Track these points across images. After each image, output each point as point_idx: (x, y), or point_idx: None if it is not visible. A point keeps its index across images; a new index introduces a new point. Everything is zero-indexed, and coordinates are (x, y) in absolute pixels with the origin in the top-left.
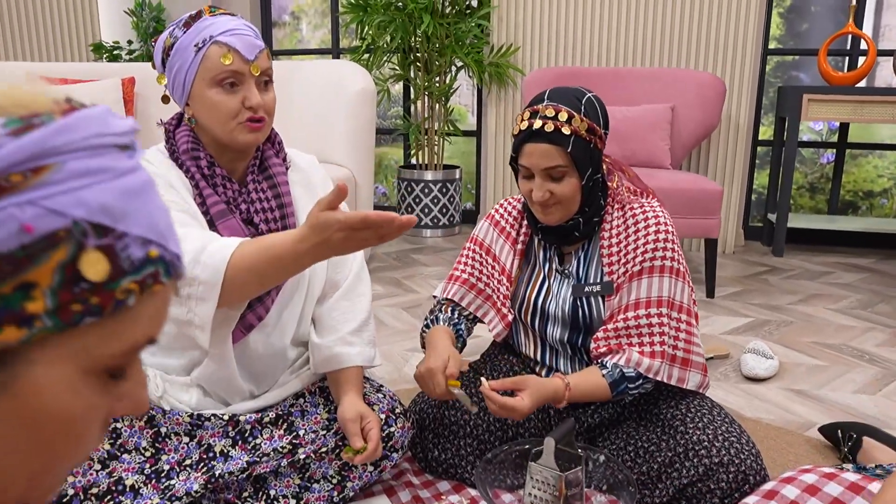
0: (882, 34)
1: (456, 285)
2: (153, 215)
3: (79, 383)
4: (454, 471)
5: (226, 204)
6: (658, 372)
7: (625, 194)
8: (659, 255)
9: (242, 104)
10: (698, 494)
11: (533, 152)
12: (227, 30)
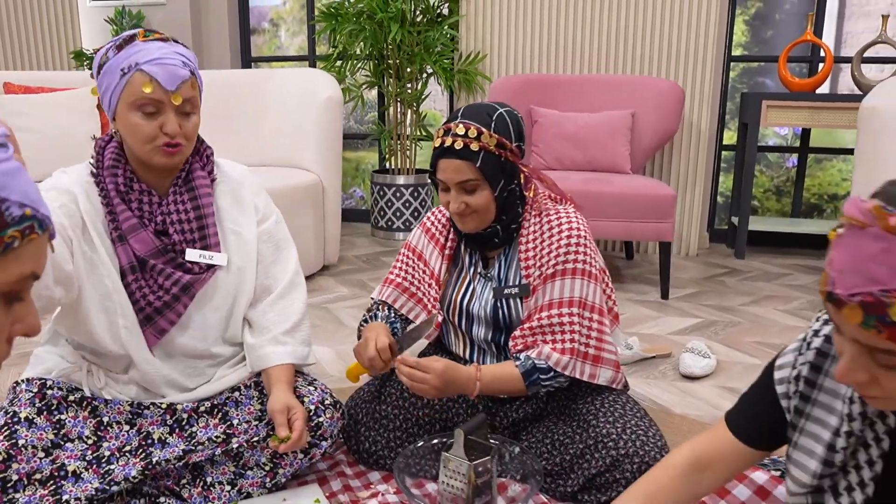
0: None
1: (390, 288)
2: (26, 188)
3: None
4: (384, 461)
5: (139, 218)
6: (567, 367)
7: (542, 201)
8: (571, 259)
9: (160, 129)
10: (605, 484)
11: (446, 168)
12: (153, 59)
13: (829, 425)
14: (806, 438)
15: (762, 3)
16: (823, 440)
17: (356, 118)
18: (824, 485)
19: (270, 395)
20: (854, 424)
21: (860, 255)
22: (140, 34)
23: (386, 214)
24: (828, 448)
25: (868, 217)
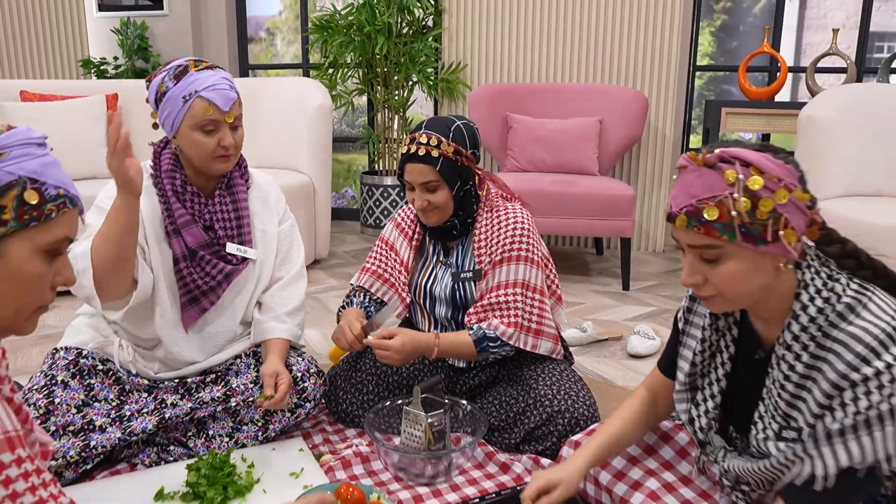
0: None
1: (366, 275)
2: (59, 176)
3: (33, 257)
4: (359, 420)
5: (191, 215)
6: (512, 337)
7: (494, 200)
8: (516, 248)
9: (218, 143)
10: (542, 436)
11: (412, 170)
12: (209, 86)
13: (696, 338)
14: (685, 349)
15: (727, 15)
16: (693, 348)
17: (348, 123)
18: (696, 382)
19: (265, 361)
20: (708, 334)
21: (685, 184)
22: (191, 65)
23: (374, 213)
24: (694, 353)
25: (687, 161)
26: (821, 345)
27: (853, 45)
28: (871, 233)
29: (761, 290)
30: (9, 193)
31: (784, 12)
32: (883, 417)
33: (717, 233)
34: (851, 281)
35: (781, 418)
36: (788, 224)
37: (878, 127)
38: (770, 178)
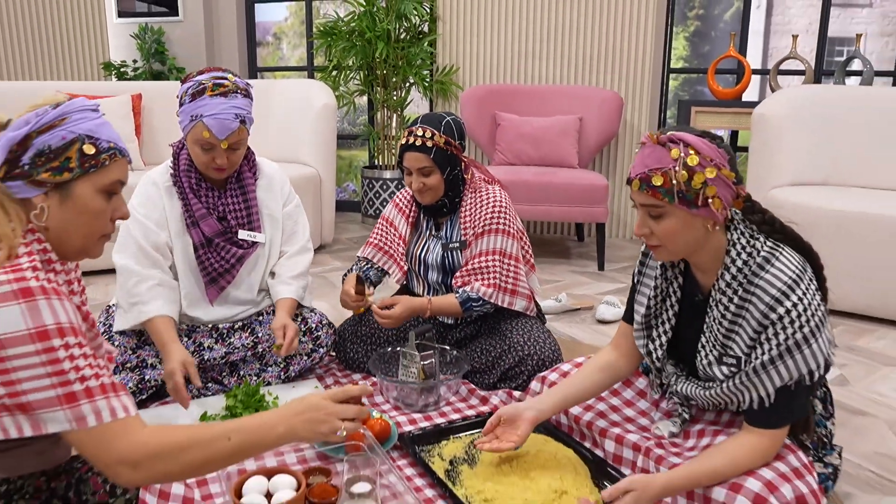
0: (770, 55)
1: (370, 248)
2: (110, 133)
3: (95, 196)
4: (363, 366)
5: (206, 208)
6: (492, 296)
7: (477, 183)
8: (495, 222)
9: (213, 160)
10: (514, 376)
11: (410, 158)
12: (213, 114)
13: (649, 286)
14: (640, 295)
15: (700, 22)
16: (647, 294)
17: (349, 121)
18: (651, 321)
19: (275, 317)
20: (659, 282)
21: (642, 156)
22: (209, 89)
23: (374, 204)
24: (649, 298)
25: (646, 139)
26: (746, 289)
27: (815, 50)
28: (817, 216)
29: (695, 244)
30: (72, 147)
31: (750, 19)
32: (799, 344)
33: (660, 196)
34: (767, 241)
35: (720, 347)
36: (716, 194)
37: (823, 123)
38: (704, 158)
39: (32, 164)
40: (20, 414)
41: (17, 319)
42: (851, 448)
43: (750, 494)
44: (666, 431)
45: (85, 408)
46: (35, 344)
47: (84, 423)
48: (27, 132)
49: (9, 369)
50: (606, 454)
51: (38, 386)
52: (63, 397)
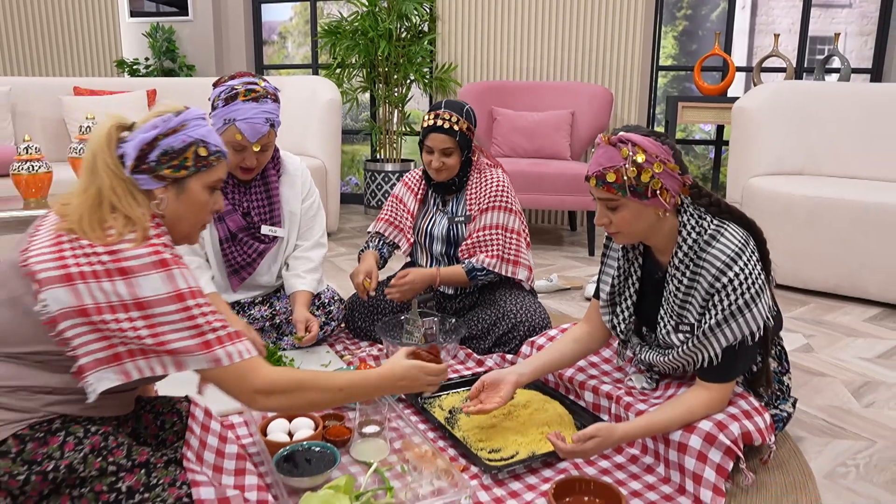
0: (755, 53)
1: (381, 223)
2: (216, 139)
3: (203, 190)
4: (370, 335)
5: (232, 205)
6: (496, 266)
7: (483, 165)
8: (498, 199)
9: (243, 161)
10: (506, 341)
11: (435, 139)
12: (245, 118)
13: (613, 266)
14: (604, 275)
15: (688, 21)
16: (611, 274)
17: (352, 117)
18: (615, 299)
19: (294, 310)
20: (622, 262)
21: (597, 156)
22: (241, 94)
23: (377, 196)
24: (613, 277)
25: (600, 140)
26: (696, 264)
27: (796, 48)
28: (790, 203)
29: (649, 229)
30: (190, 149)
31: (735, 19)
32: (741, 309)
33: (614, 190)
34: (714, 220)
35: (677, 317)
36: (662, 186)
37: (800, 117)
38: (650, 155)
39: (157, 162)
40: (166, 356)
41: (159, 285)
42: (808, 402)
43: (702, 433)
44: (639, 385)
45: (219, 352)
46: (175, 304)
47: (219, 363)
48: (155, 135)
49: (155, 324)
50: (587, 404)
51: (180, 336)
52: (201, 345)
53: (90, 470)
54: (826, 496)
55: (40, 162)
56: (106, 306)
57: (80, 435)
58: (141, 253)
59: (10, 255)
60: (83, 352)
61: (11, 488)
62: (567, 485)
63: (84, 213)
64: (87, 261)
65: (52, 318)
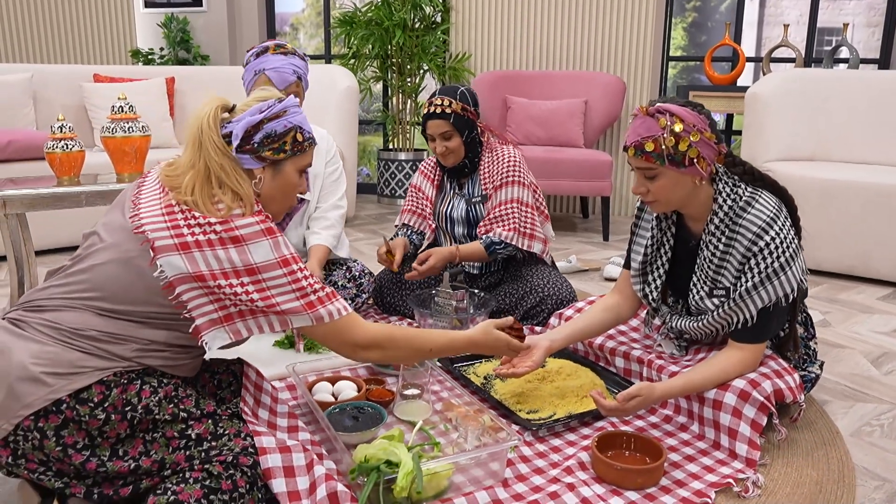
0: (763, 44)
1: (406, 214)
2: (308, 125)
3: (295, 173)
4: (399, 309)
5: None
6: (512, 239)
7: (494, 144)
8: (511, 174)
9: None
10: (534, 314)
11: (432, 125)
12: (272, 67)
13: (645, 236)
14: (636, 245)
15: (697, 13)
16: (643, 243)
17: (364, 108)
18: (647, 268)
19: (308, 263)
20: (655, 231)
21: (635, 126)
22: (272, 48)
23: (390, 184)
24: (645, 247)
25: (638, 111)
26: (731, 230)
27: (805, 39)
28: (803, 186)
29: (686, 198)
30: (289, 134)
31: (744, 10)
32: (776, 272)
33: (653, 160)
34: (748, 188)
35: (711, 282)
36: (700, 154)
37: (811, 104)
38: (688, 124)
39: (260, 144)
40: (273, 316)
41: (268, 251)
42: (830, 370)
43: (736, 390)
44: (668, 350)
45: (322, 311)
46: (282, 269)
47: (322, 321)
48: (261, 118)
49: (265, 287)
50: (618, 370)
51: (287, 298)
52: (306, 305)
53: (164, 414)
54: (854, 451)
55: (73, 141)
56: (220, 272)
57: (155, 384)
58: (251, 222)
59: (115, 217)
60: (198, 313)
61: (91, 428)
62: (609, 438)
63: (195, 188)
64: (202, 230)
65: (169, 283)
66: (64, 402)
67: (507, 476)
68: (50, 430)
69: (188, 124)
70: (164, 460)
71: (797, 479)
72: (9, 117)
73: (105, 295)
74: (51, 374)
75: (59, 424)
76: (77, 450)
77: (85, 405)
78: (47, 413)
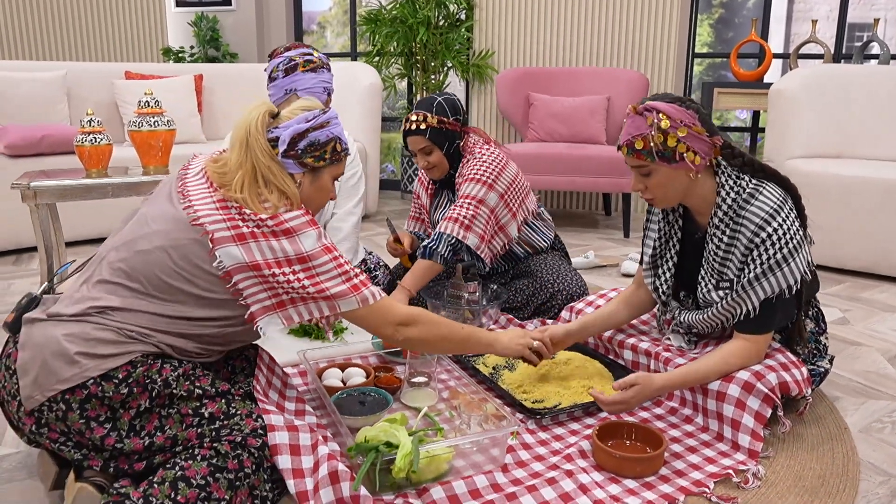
0: (792, 40)
1: (411, 221)
2: (345, 136)
3: (330, 180)
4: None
5: None
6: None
7: (472, 147)
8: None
9: None
10: (546, 309)
11: (410, 141)
12: (305, 87)
13: (655, 230)
14: (647, 240)
15: (724, 9)
16: (653, 237)
17: (389, 105)
18: (657, 262)
19: None
20: (662, 225)
21: (627, 126)
22: (301, 65)
23: (413, 181)
24: (654, 241)
25: (630, 110)
26: (735, 221)
27: (834, 35)
28: (826, 183)
29: (683, 191)
30: (330, 144)
31: (772, 6)
32: (780, 263)
33: (643, 157)
34: (751, 179)
35: (717, 275)
36: (690, 148)
37: (837, 100)
38: (674, 120)
39: (304, 150)
40: (322, 301)
41: (315, 241)
42: (845, 367)
43: (740, 382)
44: (676, 343)
45: (366, 292)
46: (327, 255)
47: (367, 303)
48: (307, 127)
49: (314, 274)
50: (626, 362)
51: (335, 283)
52: (352, 288)
53: (180, 390)
54: (861, 447)
55: (102, 135)
56: (273, 261)
57: (176, 364)
58: (297, 215)
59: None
60: (253, 300)
61: (114, 402)
62: (611, 427)
63: (245, 186)
64: (255, 224)
65: (227, 272)
66: (92, 378)
67: (507, 462)
68: (75, 402)
69: (236, 126)
70: (176, 437)
71: (799, 471)
72: (44, 113)
73: (144, 280)
74: (84, 355)
75: (84, 398)
76: (99, 423)
77: (110, 381)
78: (74, 387)
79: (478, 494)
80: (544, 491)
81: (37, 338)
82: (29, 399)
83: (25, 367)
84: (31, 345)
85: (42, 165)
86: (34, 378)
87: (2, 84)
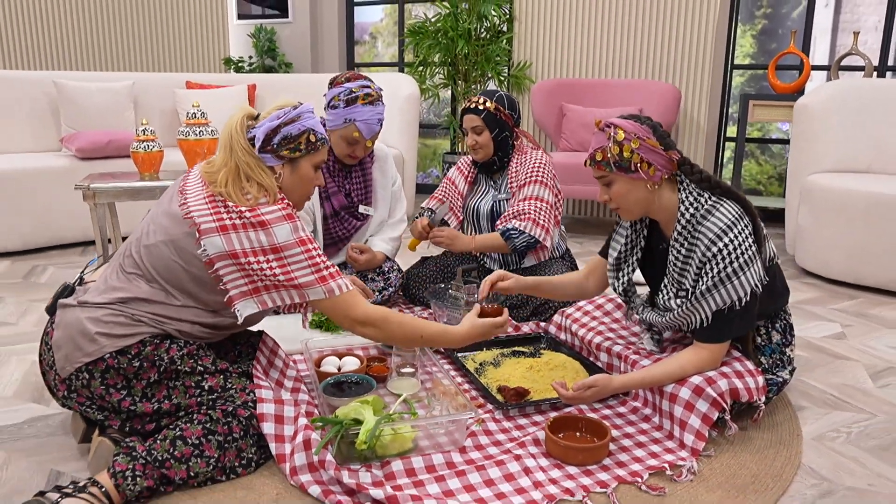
0: (838, 51)
1: (433, 201)
2: (320, 128)
3: (310, 169)
4: (424, 300)
5: (337, 187)
6: (527, 228)
7: (525, 148)
8: (534, 174)
9: (352, 151)
10: (543, 311)
11: (466, 119)
12: (364, 119)
13: (623, 234)
14: (614, 242)
15: (767, 20)
16: (620, 242)
17: (435, 112)
18: (620, 265)
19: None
20: (630, 233)
21: (593, 141)
22: (360, 98)
23: None
24: (621, 245)
25: (598, 126)
26: (693, 235)
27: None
28: (846, 199)
29: (645, 202)
30: (303, 136)
31: (817, 17)
32: (730, 276)
33: (603, 168)
34: (710, 196)
35: (677, 284)
36: (644, 160)
37: (864, 114)
38: (629, 133)
39: (279, 144)
40: (293, 290)
41: (289, 233)
42: (822, 380)
43: (691, 386)
44: (648, 347)
45: (332, 284)
46: (300, 248)
47: (333, 294)
48: (279, 123)
49: (286, 264)
50: (603, 364)
51: (304, 273)
52: (319, 279)
53: (184, 366)
54: (808, 454)
55: (154, 142)
56: (249, 251)
57: (181, 344)
58: (274, 209)
59: (163, 207)
60: (232, 286)
61: (128, 373)
62: (562, 421)
63: (229, 182)
64: (237, 215)
65: (209, 260)
66: (109, 353)
67: (466, 445)
68: (97, 372)
69: (222, 130)
70: (180, 405)
71: (736, 470)
72: (113, 119)
73: (152, 271)
74: (102, 335)
75: (104, 369)
76: (117, 389)
77: (124, 356)
78: (95, 360)
79: (433, 469)
80: (491, 470)
81: (67, 320)
82: (62, 369)
83: (58, 344)
84: (63, 325)
85: (107, 167)
86: (65, 353)
87: (77, 93)
